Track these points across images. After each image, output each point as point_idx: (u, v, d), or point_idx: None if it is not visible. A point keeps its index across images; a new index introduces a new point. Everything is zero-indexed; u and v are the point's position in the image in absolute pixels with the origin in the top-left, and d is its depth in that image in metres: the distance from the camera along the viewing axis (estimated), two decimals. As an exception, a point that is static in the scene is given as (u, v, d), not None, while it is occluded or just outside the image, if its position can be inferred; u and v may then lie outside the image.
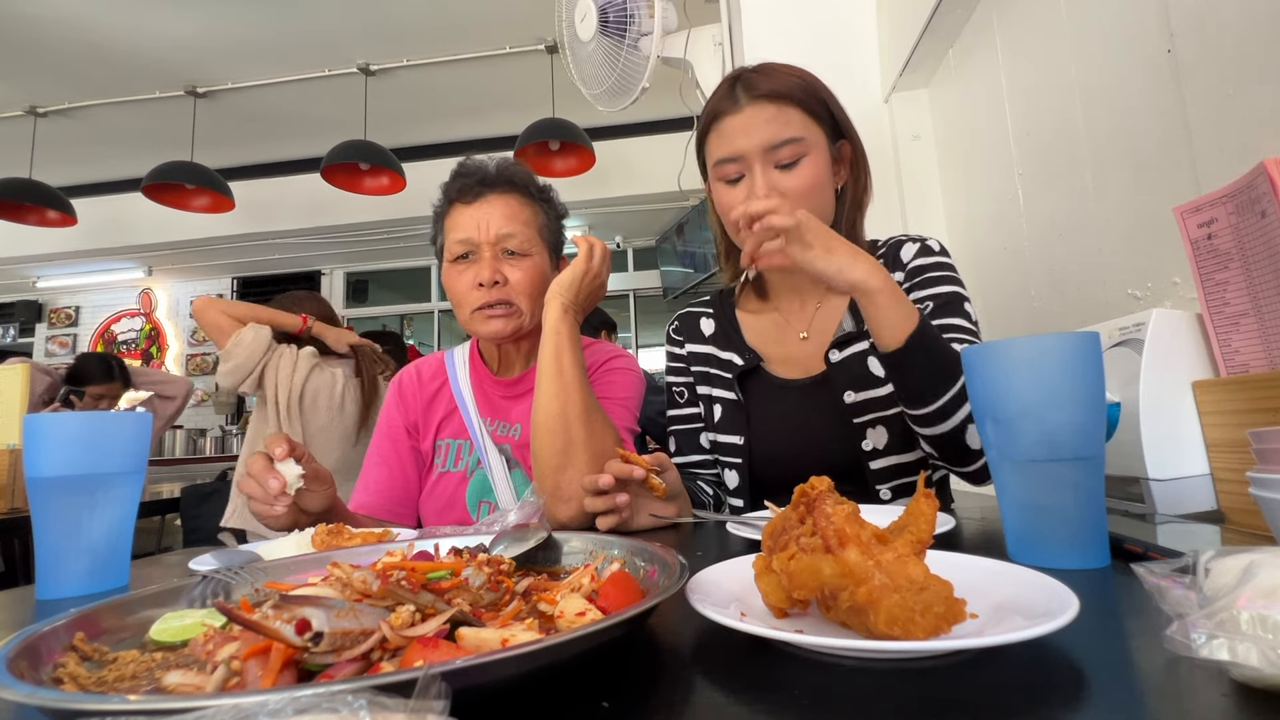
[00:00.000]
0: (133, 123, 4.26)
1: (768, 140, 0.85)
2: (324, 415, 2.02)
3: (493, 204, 1.02)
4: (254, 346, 1.95)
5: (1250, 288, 0.69)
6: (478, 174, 1.04)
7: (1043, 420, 0.51)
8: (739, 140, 0.87)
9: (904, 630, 0.32)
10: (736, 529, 0.68)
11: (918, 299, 0.87)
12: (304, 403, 1.99)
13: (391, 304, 6.06)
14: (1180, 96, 0.85)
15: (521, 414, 1.06)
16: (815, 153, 0.87)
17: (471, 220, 1.01)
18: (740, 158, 0.87)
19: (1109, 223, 1.03)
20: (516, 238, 1.01)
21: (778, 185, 0.86)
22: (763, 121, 0.86)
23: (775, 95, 0.86)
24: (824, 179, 0.88)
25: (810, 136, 0.87)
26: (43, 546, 0.62)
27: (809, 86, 0.89)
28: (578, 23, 1.92)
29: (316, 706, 0.20)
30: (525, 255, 1.02)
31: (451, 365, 1.15)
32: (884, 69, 1.75)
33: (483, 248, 1.01)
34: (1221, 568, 0.30)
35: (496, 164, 1.06)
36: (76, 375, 2.68)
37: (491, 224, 1.01)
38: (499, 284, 1.00)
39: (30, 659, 0.32)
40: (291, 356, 2.01)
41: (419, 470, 1.11)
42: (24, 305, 6.07)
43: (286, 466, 0.78)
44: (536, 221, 1.05)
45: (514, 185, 1.05)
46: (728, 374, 0.97)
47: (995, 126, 1.37)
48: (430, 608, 0.35)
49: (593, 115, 2.19)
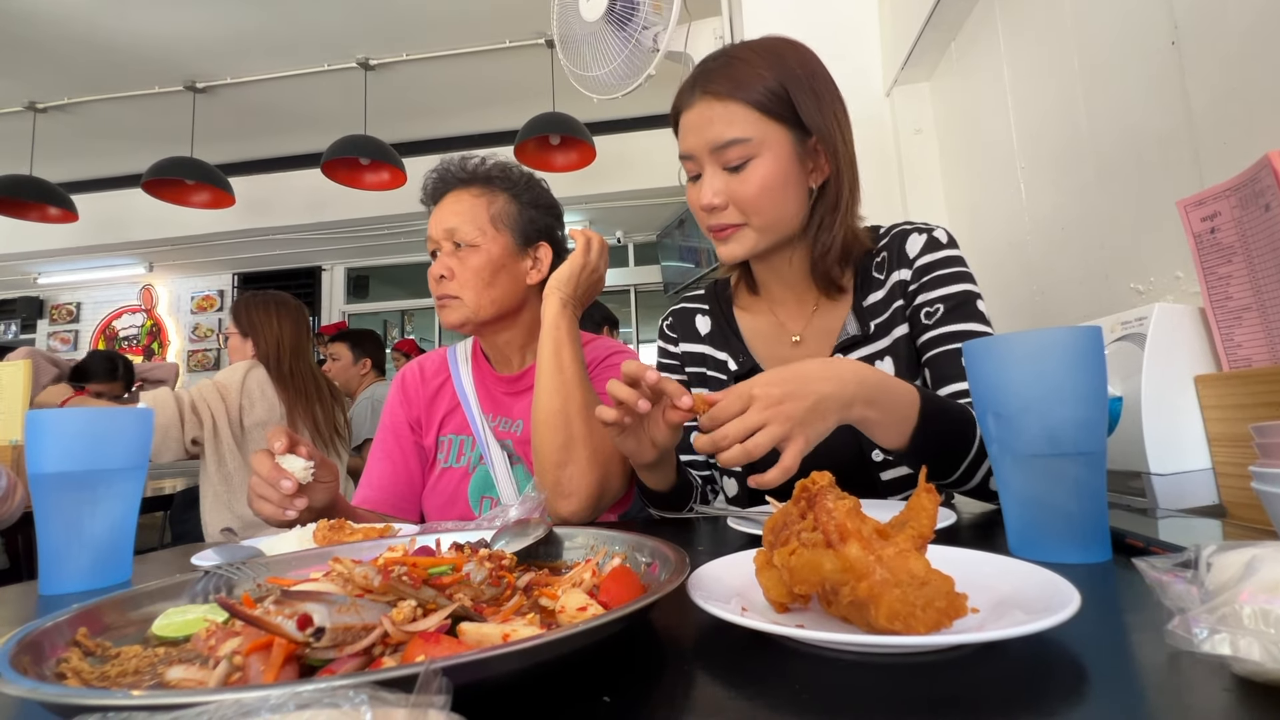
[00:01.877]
0: (132, 118, 4.25)
1: (712, 141, 0.81)
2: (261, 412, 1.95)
3: (448, 201, 1.06)
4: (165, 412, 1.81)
5: (1253, 281, 0.69)
6: (441, 174, 1.09)
7: (1044, 415, 0.50)
8: (690, 138, 0.84)
9: (905, 625, 0.32)
10: (737, 524, 0.68)
11: (927, 300, 0.83)
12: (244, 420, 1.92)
13: (392, 299, 6.06)
14: (1184, 89, 0.84)
15: (523, 410, 1.06)
16: (768, 154, 0.81)
17: (433, 219, 1.06)
18: (692, 156, 0.84)
19: (1111, 216, 1.03)
20: (461, 230, 1.04)
21: (726, 189, 0.82)
22: (707, 121, 0.81)
23: (723, 93, 0.81)
24: (780, 183, 0.82)
25: (760, 136, 0.80)
26: (45, 542, 0.62)
27: (772, 79, 0.81)
28: (583, 2, 1.90)
29: (318, 701, 0.20)
30: (473, 246, 1.04)
31: (454, 361, 1.15)
32: (885, 62, 1.74)
33: (441, 244, 1.05)
34: (1223, 562, 0.30)
35: (463, 160, 1.09)
36: (81, 371, 2.70)
37: (442, 221, 1.05)
38: (444, 278, 1.04)
39: (33, 654, 0.32)
40: (212, 389, 1.90)
41: (422, 466, 1.12)
42: (25, 302, 6.07)
43: (291, 461, 0.77)
44: (491, 209, 1.06)
45: (475, 179, 1.08)
46: (724, 376, 0.94)
47: (997, 120, 1.36)
48: (432, 603, 0.35)
49: (593, 110, 2.18)
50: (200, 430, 1.86)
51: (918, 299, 0.84)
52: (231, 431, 1.89)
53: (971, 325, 0.81)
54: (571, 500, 0.84)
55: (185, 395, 1.87)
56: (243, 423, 1.92)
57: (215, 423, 1.87)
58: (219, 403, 1.89)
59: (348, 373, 3.05)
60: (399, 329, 6.16)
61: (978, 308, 0.82)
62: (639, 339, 5.78)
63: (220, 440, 1.88)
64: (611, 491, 0.89)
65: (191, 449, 1.87)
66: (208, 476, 1.90)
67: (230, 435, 1.89)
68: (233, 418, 1.90)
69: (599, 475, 0.85)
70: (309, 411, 2.00)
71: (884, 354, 0.86)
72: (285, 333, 2.04)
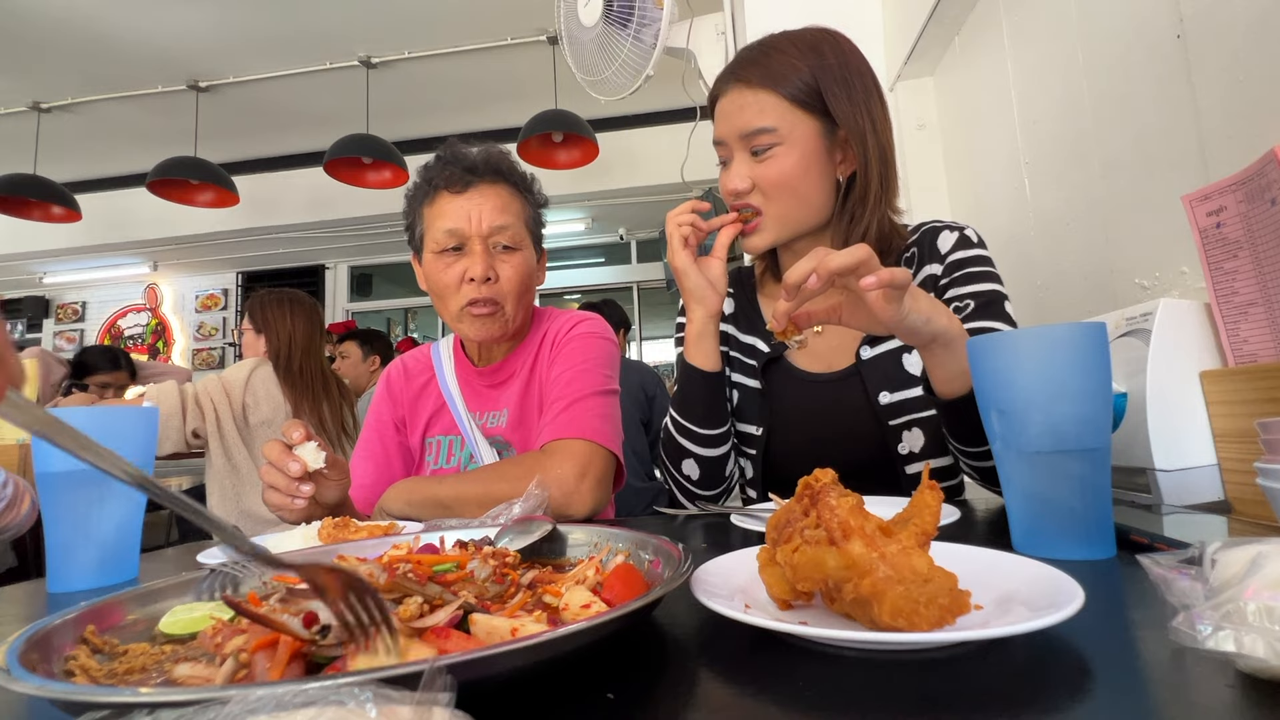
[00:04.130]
0: (136, 118, 4.26)
1: (740, 128, 0.84)
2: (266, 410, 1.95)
3: (484, 194, 0.98)
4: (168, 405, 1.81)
5: (1259, 276, 0.69)
6: (465, 160, 0.99)
7: (1049, 411, 0.50)
8: (722, 124, 0.87)
9: (908, 622, 0.32)
10: (740, 521, 0.68)
11: (957, 295, 0.83)
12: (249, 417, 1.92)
13: (395, 297, 6.07)
14: (1189, 83, 0.84)
15: (507, 400, 1.06)
16: (793, 144, 0.83)
17: (461, 210, 0.96)
18: (724, 142, 0.87)
19: (1116, 212, 1.02)
20: (509, 230, 0.98)
21: (751, 174, 0.84)
22: (739, 108, 0.84)
23: (755, 81, 0.83)
24: (801, 173, 0.83)
25: (788, 126, 0.82)
26: (53, 540, 0.63)
27: (805, 69, 0.83)
28: (580, 6, 1.90)
29: (324, 698, 0.20)
30: (516, 250, 0.99)
31: (438, 359, 1.13)
32: (888, 57, 1.74)
33: (474, 240, 0.97)
34: (1228, 559, 0.30)
35: (481, 153, 1.01)
36: (81, 367, 2.72)
37: (484, 216, 0.96)
38: (490, 280, 0.97)
39: (42, 651, 0.32)
40: (217, 384, 1.91)
41: (406, 467, 1.10)
42: (31, 301, 6.11)
43: (305, 449, 0.77)
44: (525, 214, 1.02)
45: (501, 175, 1.01)
46: (750, 359, 0.95)
47: (1001, 115, 1.36)
48: (438, 599, 0.35)
49: (595, 107, 2.17)
50: (202, 423, 1.88)
51: (948, 294, 0.85)
52: (236, 427, 1.91)
53: (998, 324, 0.81)
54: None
55: (190, 388, 1.89)
56: (248, 419, 1.93)
57: (219, 417, 1.89)
58: (222, 397, 1.90)
59: (357, 370, 3.13)
60: (402, 327, 6.18)
61: (1005, 308, 0.82)
62: (641, 336, 5.78)
63: (224, 435, 1.89)
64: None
65: (193, 441, 1.88)
66: (214, 473, 1.91)
67: (235, 431, 1.90)
68: (236, 414, 1.91)
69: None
70: (315, 409, 2.01)
71: (911, 347, 0.85)
72: (298, 330, 2.05)
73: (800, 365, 0.92)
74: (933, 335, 0.64)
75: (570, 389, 0.97)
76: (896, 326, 0.61)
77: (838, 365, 0.90)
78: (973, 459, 0.74)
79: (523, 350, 1.08)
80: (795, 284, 0.59)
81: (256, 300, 2.09)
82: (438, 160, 1.01)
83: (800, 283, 0.59)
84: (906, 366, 0.85)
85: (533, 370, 1.06)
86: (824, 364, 0.91)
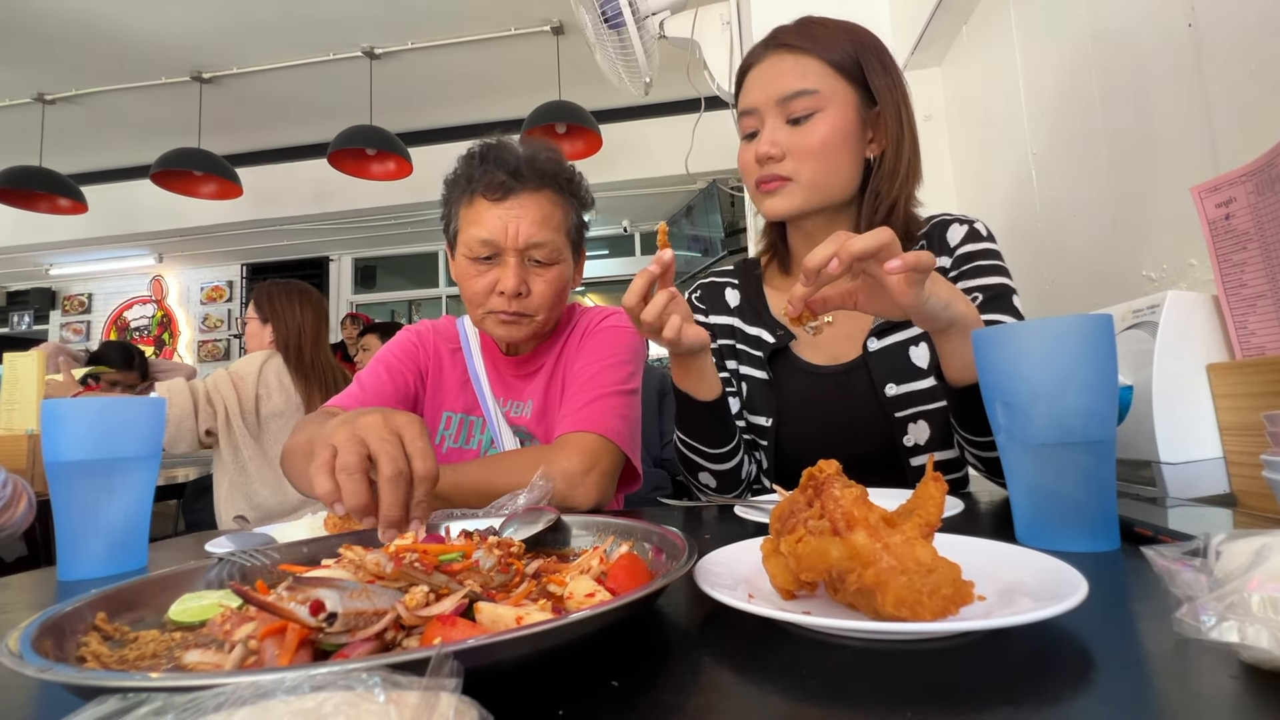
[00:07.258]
0: (140, 109, 4.26)
1: (780, 91, 0.81)
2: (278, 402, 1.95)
3: (524, 205, 0.92)
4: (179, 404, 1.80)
5: (1269, 269, 0.68)
6: (508, 165, 0.92)
7: (1054, 404, 0.50)
8: (754, 91, 0.84)
9: (911, 612, 0.32)
10: (744, 512, 0.69)
11: (965, 289, 0.82)
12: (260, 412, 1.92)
13: (400, 289, 6.07)
14: (1200, 73, 0.83)
15: (532, 391, 1.05)
16: (833, 110, 0.81)
17: (499, 221, 0.91)
18: (755, 110, 0.84)
19: (1124, 203, 1.02)
20: (546, 247, 0.93)
21: (785, 140, 0.82)
22: (778, 73, 0.82)
23: (797, 47, 0.82)
24: (840, 140, 0.82)
25: (829, 91, 0.81)
26: (63, 529, 0.63)
27: (847, 43, 0.82)
28: (587, 26, 1.91)
29: (333, 684, 0.21)
30: (551, 264, 0.95)
31: (464, 334, 1.10)
32: (895, 47, 1.72)
33: (508, 253, 0.92)
34: (1233, 551, 0.30)
35: (527, 153, 0.94)
36: (96, 359, 2.73)
37: (521, 230, 0.91)
38: (522, 295, 0.94)
39: (55, 638, 0.33)
40: (226, 379, 1.91)
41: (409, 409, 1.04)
42: (38, 293, 6.14)
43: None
44: (566, 224, 0.97)
45: (544, 180, 0.94)
46: (756, 351, 0.94)
47: (1009, 105, 1.35)
48: (444, 587, 0.36)
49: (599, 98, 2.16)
50: (214, 421, 1.88)
51: (956, 287, 0.84)
52: (245, 421, 1.90)
53: (1007, 318, 0.80)
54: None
55: (200, 386, 1.88)
56: (259, 412, 1.93)
57: (229, 413, 1.88)
58: (231, 393, 1.90)
59: None
60: (406, 319, 6.19)
61: (1013, 302, 0.81)
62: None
63: (234, 430, 1.89)
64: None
65: (206, 440, 1.88)
66: (224, 466, 1.91)
67: (244, 425, 1.90)
68: (246, 408, 1.91)
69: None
70: (325, 400, 2.02)
71: (920, 339, 0.85)
72: (306, 321, 2.05)
73: (806, 357, 0.91)
74: (950, 320, 0.63)
75: (592, 384, 0.96)
76: (916, 311, 0.61)
77: (844, 357, 0.89)
78: (980, 449, 0.74)
79: (552, 343, 1.07)
80: (816, 268, 0.57)
81: (264, 290, 2.09)
82: (480, 157, 0.95)
83: (821, 267, 0.57)
84: (913, 359, 0.85)
85: (559, 363, 1.05)
86: (830, 356, 0.90)
